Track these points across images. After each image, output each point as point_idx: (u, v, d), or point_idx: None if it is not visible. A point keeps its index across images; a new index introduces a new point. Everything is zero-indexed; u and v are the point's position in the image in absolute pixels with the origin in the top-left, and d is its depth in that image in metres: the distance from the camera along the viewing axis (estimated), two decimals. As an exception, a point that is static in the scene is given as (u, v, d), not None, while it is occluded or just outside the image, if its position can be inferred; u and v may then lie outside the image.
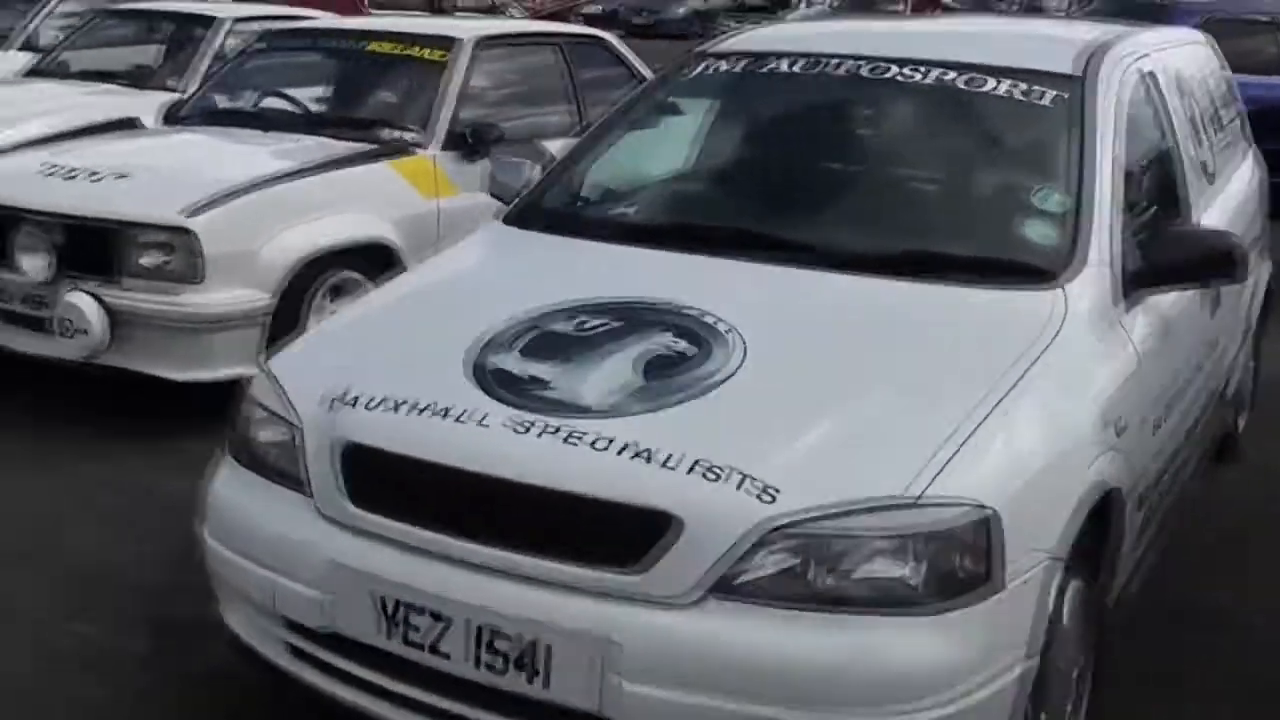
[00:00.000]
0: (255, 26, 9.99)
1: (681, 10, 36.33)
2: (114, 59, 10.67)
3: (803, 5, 35.92)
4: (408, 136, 6.98)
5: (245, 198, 6.04)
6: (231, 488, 3.65)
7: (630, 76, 8.61)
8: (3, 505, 5.32)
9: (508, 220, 4.49)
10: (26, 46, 11.82)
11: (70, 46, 10.79)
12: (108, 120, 7.79)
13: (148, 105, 8.95)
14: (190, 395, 6.04)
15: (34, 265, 5.96)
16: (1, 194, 6.27)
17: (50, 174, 6.35)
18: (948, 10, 31.94)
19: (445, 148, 7.01)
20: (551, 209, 4.56)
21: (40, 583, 4.70)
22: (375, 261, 6.48)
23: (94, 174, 6.26)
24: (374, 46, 7.49)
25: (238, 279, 5.98)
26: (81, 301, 5.84)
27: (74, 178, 6.28)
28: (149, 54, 10.61)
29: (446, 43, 7.32)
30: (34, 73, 10.52)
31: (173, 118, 7.67)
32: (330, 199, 6.39)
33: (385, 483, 3.32)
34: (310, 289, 6.20)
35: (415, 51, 7.37)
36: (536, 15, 23.11)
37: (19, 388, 6.52)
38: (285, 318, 6.11)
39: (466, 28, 7.76)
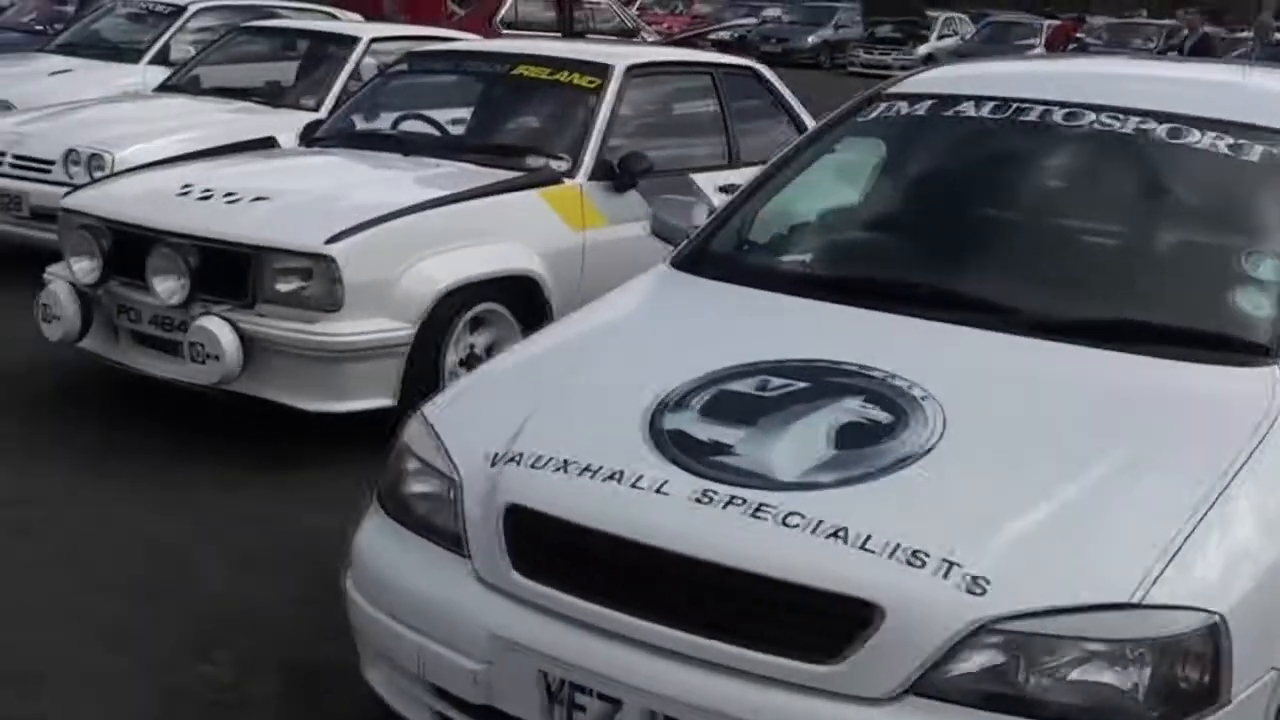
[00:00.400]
0: (393, 46, 9.84)
1: (811, 39, 36.09)
2: (248, 76, 10.56)
3: (936, 39, 35.50)
4: (555, 165, 6.71)
5: (387, 225, 5.80)
6: (380, 541, 3.41)
7: (781, 109, 8.34)
8: (129, 536, 5.13)
9: (677, 264, 4.21)
10: (158, 60, 11.72)
11: (203, 62, 10.66)
12: (245, 140, 7.51)
13: (283, 124, 8.79)
14: (317, 425, 5.84)
15: (167, 287, 5.77)
16: (136, 214, 6.08)
17: (185, 194, 6.17)
18: (1084, 48, 31.38)
19: (593, 177, 6.74)
20: (723, 254, 4.28)
21: (167, 619, 4.50)
22: (520, 294, 6.25)
23: (231, 196, 6.07)
24: (521, 71, 7.24)
25: (377, 308, 5.75)
26: (215, 326, 5.64)
27: (209, 198, 6.09)
28: (284, 72, 10.47)
29: (599, 69, 7.07)
30: (166, 88, 10.42)
31: (310, 138, 7.47)
32: (476, 228, 6.15)
33: (552, 550, 3.07)
34: (452, 321, 5.95)
35: (565, 77, 7.12)
36: (668, 40, 22.85)
37: (143, 409, 6.33)
38: (425, 350, 5.86)
39: (618, 54, 7.51)
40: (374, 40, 9.92)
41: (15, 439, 6.04)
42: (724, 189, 7.25)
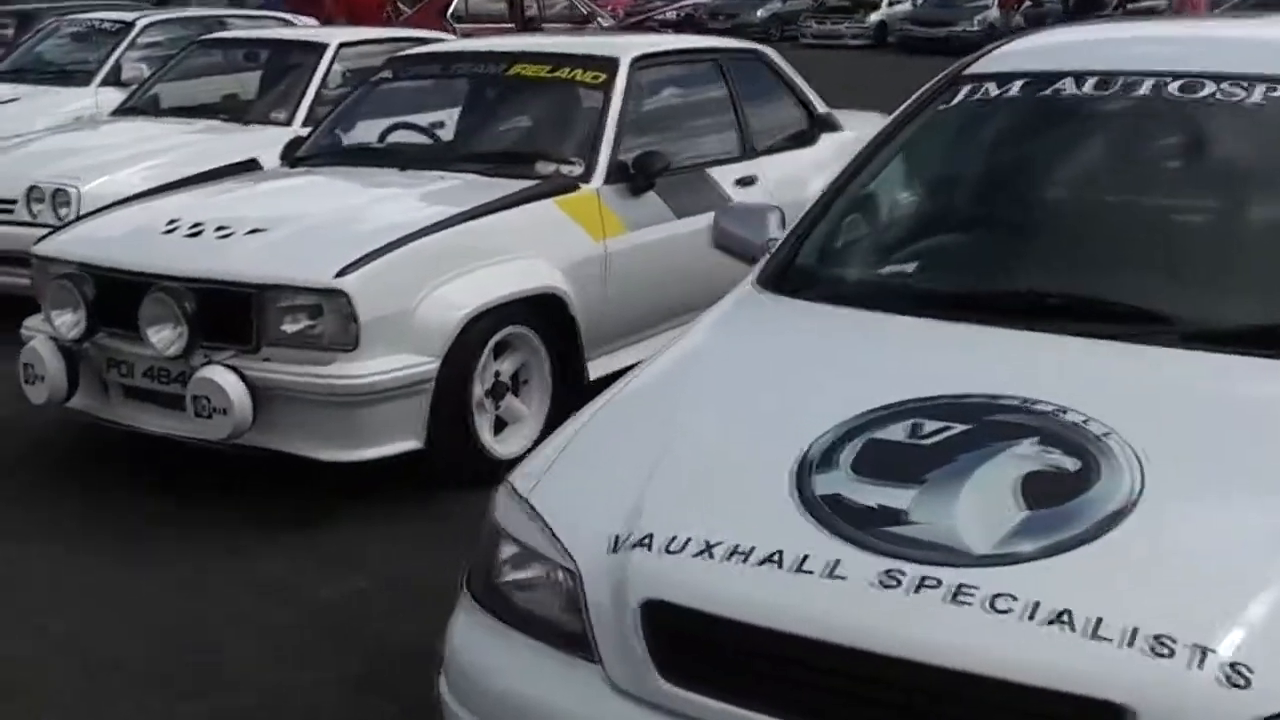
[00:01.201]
0: (361, 51, 9.29)
1: (760, 13, 35.56)
2: (209, 92, 10.04)
3: (888, 5, 35.03)
4: (567, 170, 6.17)
5: (400, 251, 5.28)
6: (479, 640, 2.89)
7: (789, 92, 7.83)
8: (139, 619, 4.61)
9: (764, 284, 3.67)
10: (110, 81, 11.12)
11: (161, 80, 10.06)
12: (225, 165, 6.94)
13: (256, 142, 8.29)
14: (323, 474, 5.35)
15: (163, 337, 5.23)
16: (121, 258, 5.54)
17: (172, 230, 5.62)
18: (1039, 5, 30.93)
19: (608, 181, 6.21)
20: (817, 270, 3.76)
21: (200, 715, 4.02)
22: (545, 314, 5.77)
23: (223, 229, 5.53)
24: (519, 70, 6.71)
25: (396, 344, 5.22)
26: (220, 377, 5.09)
27: (200, 234, 5.55)
28: (249, 85, 9.90)
29: (605, 64, 6.54)
30: (125, 110, 9.81)
31: (294, 157, 6.89)
32: (494, 246, 5.63)
33: (706, 651, 2.55)
34: (478, 349, 5.43)
35: (568, 74, 6.60)
36: (619, 25, 22.31)
37: (134, 467, 5.85)
38: (450, 384, 5.38)
39: (622, 45, 6.98)
40: (342, 45, 9.37)
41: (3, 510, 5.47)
42: (741, 182, 6.77)
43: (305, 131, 8.07)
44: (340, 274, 5.09)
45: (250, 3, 23.51)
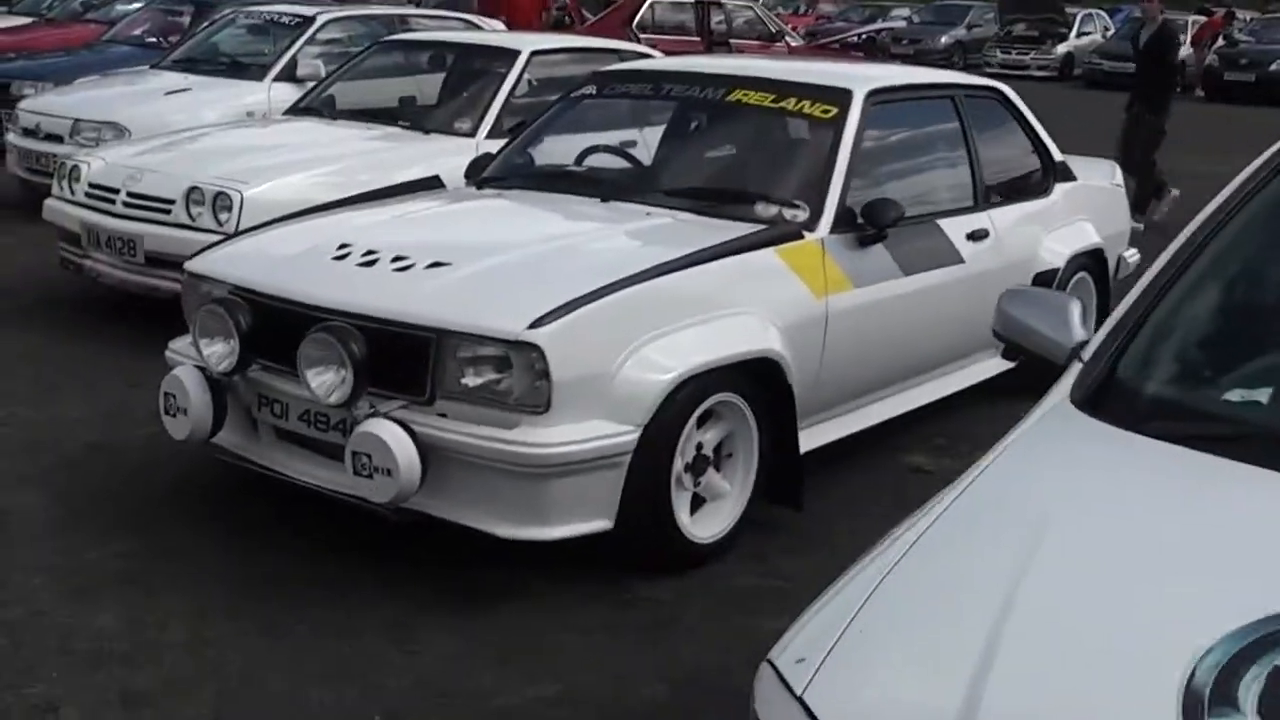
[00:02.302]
0: (557, 60, 8.59)
1: (944, 39, 34.49)
2: (391, 96, 9.36)
3: (1076, 36, 33.86)
4: (790, 214, 5.39)
5: (604, 301, 4.53)
6: None
7: (1027, 136, 6.97)
8: (296, 710, 3.95)
9: (1084, 405, 2.83)
10: (284, 77, 10.55)
11: (340, 80, 9.42)
12: (404, 181, 6.25)
13: (437, 153, 7.68)
14: (507, 548, 4.61)
15: (325, 382, 4.52)
16: (284, 285, 4.85)
17: (343, 257, 4.92)
18: (1232, 44, 29.60)
19: (835, 229, 5.41)
20: (1155, 393, 2.91)
21: None
22: (757, 379, 5.00)
23: (402, 260, 4.81)
24: (740, 96, 5.92)
25: (592, 408, 4.48)
26: (387, 434, 4.37)
27: (374, 264, 4.84)
28: (432, 91, 9.23)
29: (837, 96, 5.75)
30: (297, 110, 9.18)
31: (481, 178, 6.17)
32: (707, 299, 4.88)
33: None
34: (683, 418, 4.66)
35: (794, 105, 5.83)
36: (809, 46, 21.46)
37: (288, 516, 5.14)
38: (649, 457, 4.63)
39: (855, 76, 6.18)
40: (535, 54, 8.63)
41: (137, 560, 4.82)
42: (973, 236, 5.94)
43: (491, 145, 7.43)
44: (534, 325, 4.35)
45: (427, 2, 23.10)
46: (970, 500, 2.58)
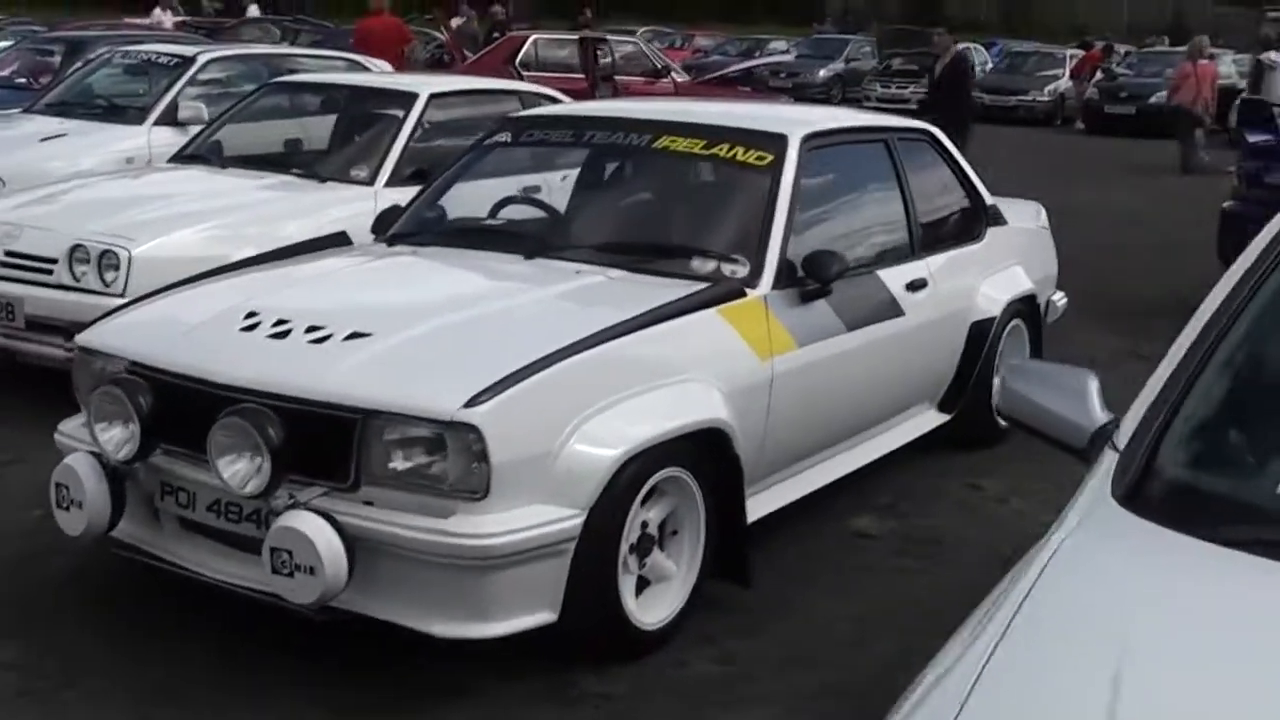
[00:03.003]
0: (456, 102, 8.20)
1: (823, 73, 34.44)
2: (280, 141, 8.89)
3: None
4: (730, 270, 5.05)
5: (543, 374, 4.17)
6: None
7: (958, 180, 6.70)
8: None
9: (1129, 503, 2.50)
10: (165, 121, 10.04)
11: (226, 125, 8.93)
12: (309, 239, 5.83)
13: (334, 203, 7.24)
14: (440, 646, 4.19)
15: (238, 472, 4.11)
16: (190, 362, 4.43)
17: (252, 327, 4.50)
18: (1112, 78, 29.80)
19: (776, 285, 5.08)
20: (1208, 489, 2.59)
21: None
22: (704, 450, 4.65)
23: (317, 331, 4.41)
24: (667, 143, 5.58)
25: (534, 491, 4.11)
26: (308, 526, 3.98)
27: (286, 335, 4.43)
28: (321, 135, 8.77)
29: (771, 142, 5.42)
30: (183, 158, 8.67)
31: (391, 232, 5.76)
32: (651, 367, 4.54)
33: None
34: (629, 498, 4.28)
35: (726, 152, 5.48)
36: (695, 82, 21.20)
37: (193, 614, 4.67)
38: (594, 541, 4.25)
39: (788, 120, 5.87)
40: (434, 96, 8.23)
41: (25, 671, 4.36)
42: (911, 286, 5.64)
43: (392, 194, 7.08)
44: (470, 403, 3.96)
45: (300, 42, 22.59)
46: (1034, 619, 2.23)
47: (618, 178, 6.00)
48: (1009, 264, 6.99)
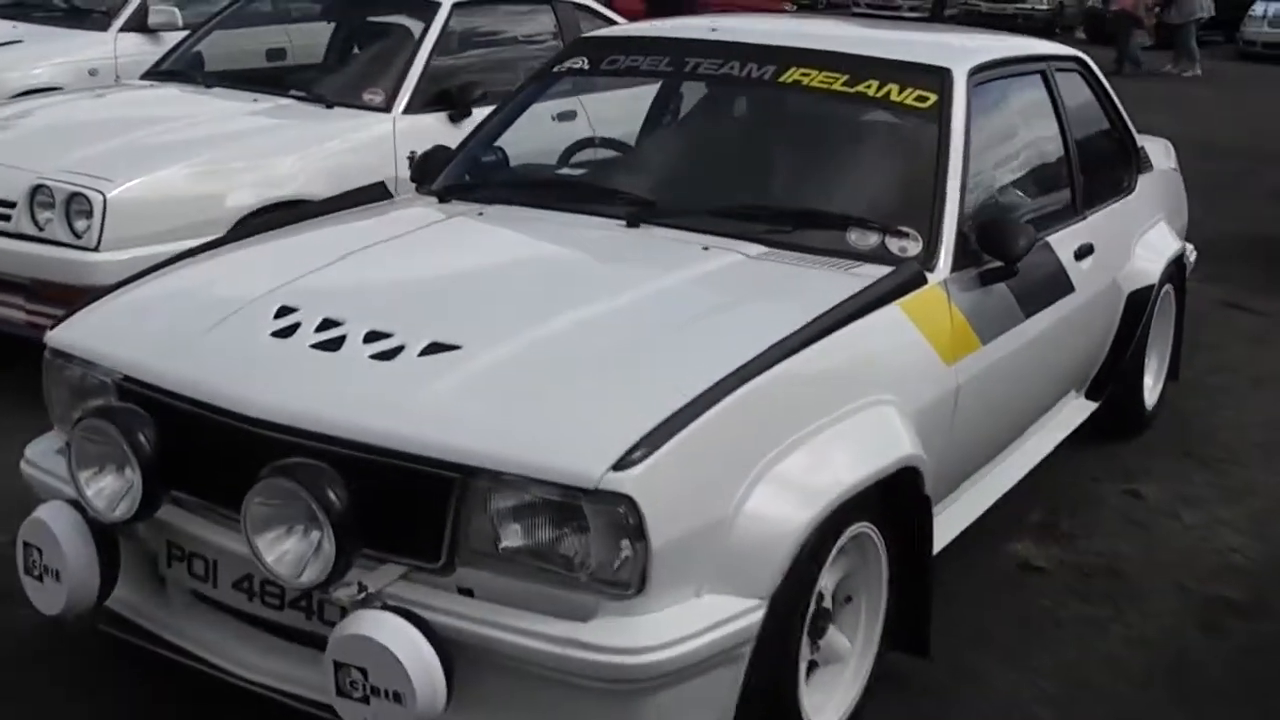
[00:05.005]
0: (482, 12, 6.98)
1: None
2: (273, 54, 7.63)
3: None
4: (899, 247, 3.86)
5: (709, 415, 2.99)
6: None
7: (1109, 118, 5.52)
8: None
9: None
10: (132, 26, 8.78)
11: (208, 35, 7.62)
12: (346, 192, 4.60)
13: (345, 132, 6.03)
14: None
15: (288, 554, 2.93)
16: (209, 384, 3.22)
17: (287, 330, 3.30)
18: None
19: (955, 266, 3.89)
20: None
21: None
22: (890, 492, 3.47)
23: (381, 340, 3.25)
24: (798, 76, 4.36)
25: (702, 577, 2.98)
26: (390, 636, 2.83)
27: (338, 344, 3.24)
28: (327, 51, 7.49)
29: (933, 77, 4.23)
30: (160, 73, 7.36)
31: (445, 184, 4.53)
32: (835, 389, 3.39)
33: None
34: (815, 571, 3.13)
35: (877, 90, 4.28)
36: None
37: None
38: (773, 638, 3.08)
39: (945, 47, 4.68)
40: (457, 5, 6.95)
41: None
42: (1079, 254, 4.53)
43: (413, 122, 6.14)
44: (622, 463, 2.77)
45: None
46: None
47: (733, 120, 4.79)
48: (1157, 218, 5.86)
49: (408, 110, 6.54)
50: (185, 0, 9.21)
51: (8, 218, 5.63)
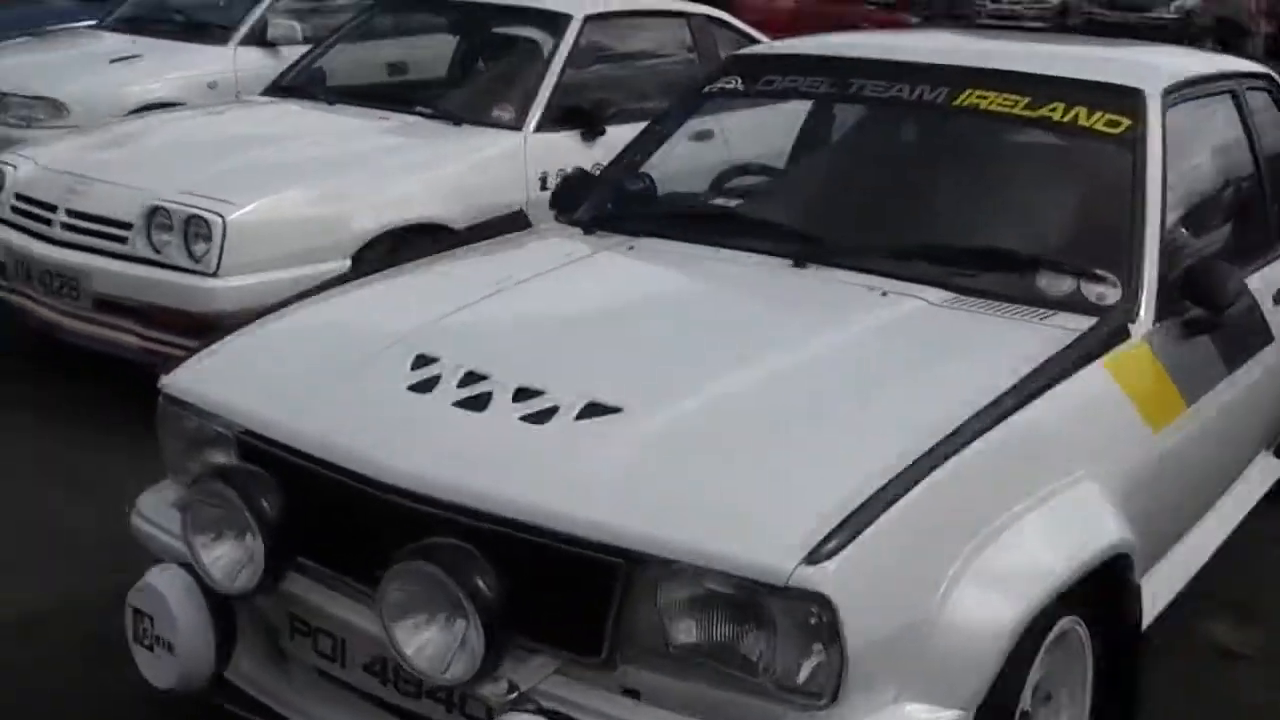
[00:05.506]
0: (616, 26, 6.66)
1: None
2: (398, 69, 7.36)
3: None
4: (1096, 293, 3.46)
5: (908, 499, 2.61)
6: None
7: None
8: None
9: None
10: (252, 40, 8.53)
11: (332, 50, 7.35)
12: (484, 221, 4.28)
13: (473, 150, 5.77)
14: None
15: (430, 646, 2.59)
16: (344, 445, 2.88)
17: (426, 383, 2.96)
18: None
19: (1159, 317, 3.47)
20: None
21: None
22: (1095, 584, 3.04)
23: (531, 398, 2.90)
24: (975, 99, 3.96)
25: (900, 685, 2.57)
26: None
27: (484, 402, 2.91)
28: (456, 67, 7.20)
29: (1125, 100, 3.81)
30: (280, 88, 7.09)
31: (583, 213, 4.18)
32: (1038, 465, 3.00)
33: None
34: (1022, 677, 2.74)
35: (1063, 114, 3.85)
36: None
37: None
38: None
39: (1134, 64, 4.27)
40: (590, 18, 6.62)
41: None
42: (1278, 297, 4.03)
43: (542, 141, 6.04)
44: (814, 555, 2.38)
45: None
46: None
47: (903, 147, 4.39)
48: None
49: (539, 128, 6.24)
50: (305, 13, 8.96)
51: (124, 240, 5.39)
